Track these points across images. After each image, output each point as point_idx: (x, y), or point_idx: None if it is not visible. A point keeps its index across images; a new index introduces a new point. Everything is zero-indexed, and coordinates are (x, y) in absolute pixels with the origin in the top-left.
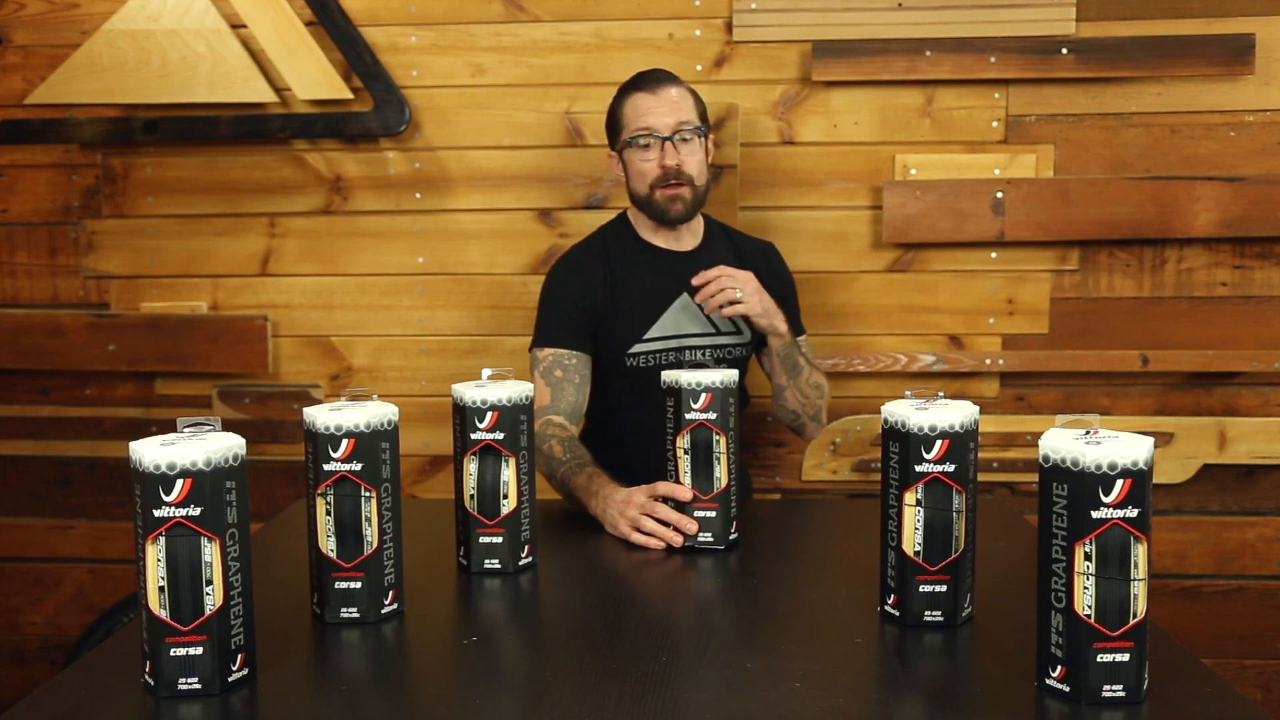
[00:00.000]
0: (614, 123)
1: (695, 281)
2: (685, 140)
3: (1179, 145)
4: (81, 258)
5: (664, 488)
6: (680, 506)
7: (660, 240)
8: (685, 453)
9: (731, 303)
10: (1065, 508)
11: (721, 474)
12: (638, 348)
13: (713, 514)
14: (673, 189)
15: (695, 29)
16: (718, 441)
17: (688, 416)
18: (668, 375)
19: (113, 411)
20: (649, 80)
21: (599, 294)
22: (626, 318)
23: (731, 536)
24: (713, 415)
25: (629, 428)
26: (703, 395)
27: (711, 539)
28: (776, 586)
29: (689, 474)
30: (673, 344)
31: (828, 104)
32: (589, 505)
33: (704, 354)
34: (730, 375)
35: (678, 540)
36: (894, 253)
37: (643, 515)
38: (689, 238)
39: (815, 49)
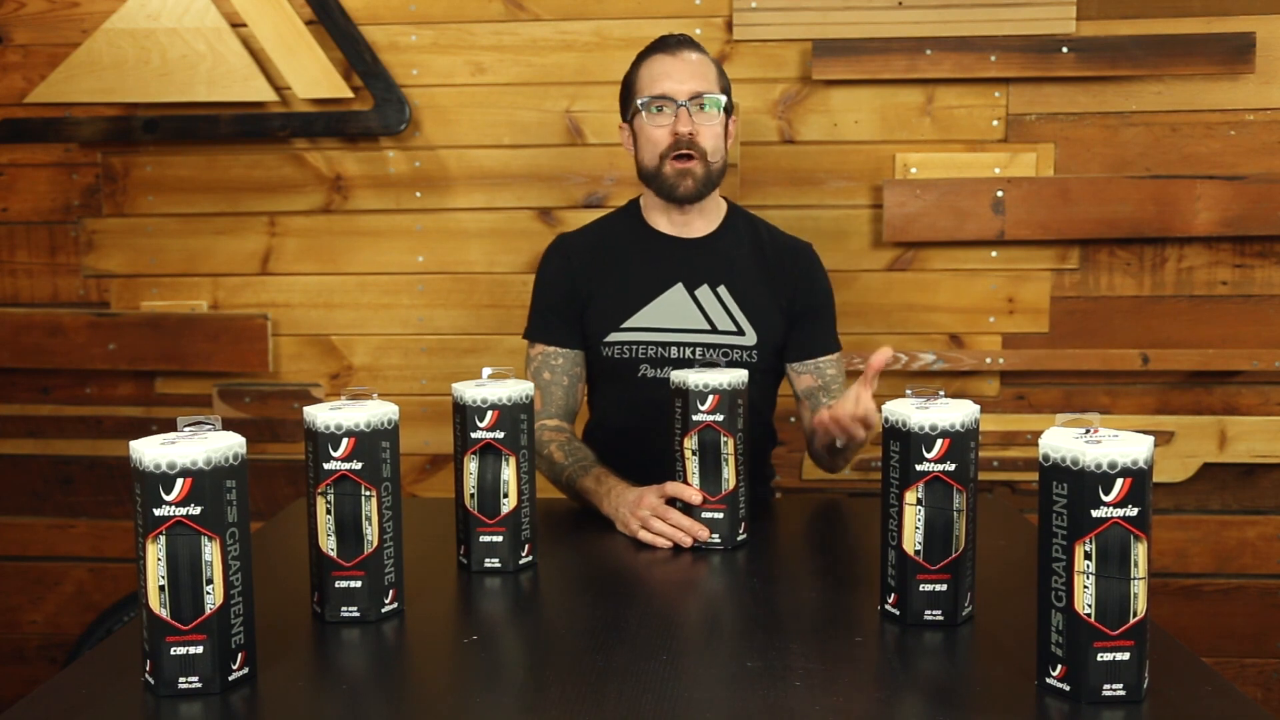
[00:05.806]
0: (627, 90)
1: (826, 415)
2: (702, 109)
3: (1179, 144)
4: (82, 257)
5: (673, 488)
6: (689, 508)
7: (666, 224)
8: (693, 454)
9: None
10: (1065, 506)
11: (730, 475)
12: (613, 337)
13: (721, 515)
14: (683, 161)
15: (695, 28)
16: (725, 443)
17: (695, 418)
18: (676, 376)
19: (113, 410)
20: (669, 43)
21: (580, 276)
22: (608, 304)
23: (740, 537)
24: (720, 417)
25: (610, 425)
26: (710, 396)
27: (719, 540)
28: (777, 585)
29: (697, 475)
30: (655, 337)
31: (828, 103)
32: (601, 506)
33: (694, 352)
34: (739, 376)
35: (686, 541)
36: (894, 251)
37: (653, 517)
38: (700, 222)
39: (815, 48)
